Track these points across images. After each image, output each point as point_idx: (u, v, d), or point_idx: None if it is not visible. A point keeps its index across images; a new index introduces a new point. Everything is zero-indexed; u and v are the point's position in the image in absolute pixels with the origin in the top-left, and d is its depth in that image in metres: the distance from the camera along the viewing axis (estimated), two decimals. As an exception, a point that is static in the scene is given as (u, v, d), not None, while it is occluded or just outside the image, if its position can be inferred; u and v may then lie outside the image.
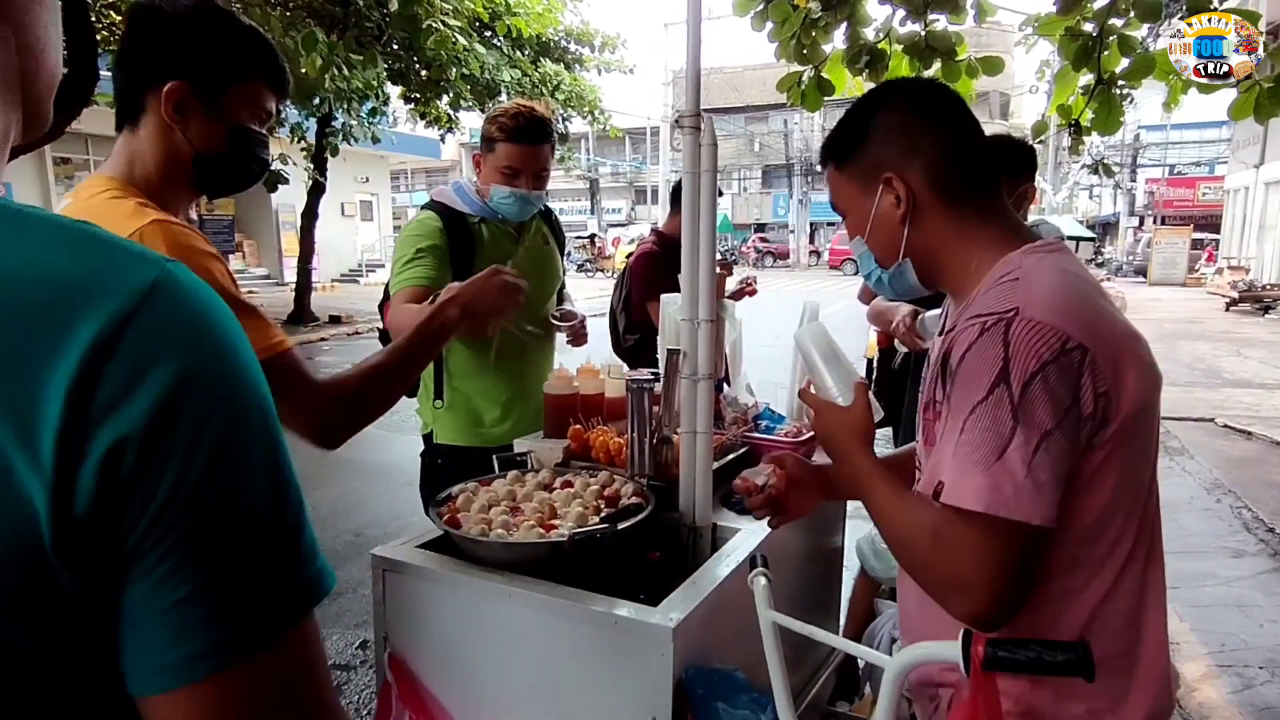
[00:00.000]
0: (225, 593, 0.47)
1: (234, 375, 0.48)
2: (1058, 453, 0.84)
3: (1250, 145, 18.75)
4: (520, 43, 11.11)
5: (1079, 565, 0.93)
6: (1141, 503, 0.96)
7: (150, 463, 0.43)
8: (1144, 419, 0.92)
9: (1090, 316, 0.89)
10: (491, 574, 1.34)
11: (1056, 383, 0.84)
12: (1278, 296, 14.76)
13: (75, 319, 0.42)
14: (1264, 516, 4.13)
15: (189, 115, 1.13)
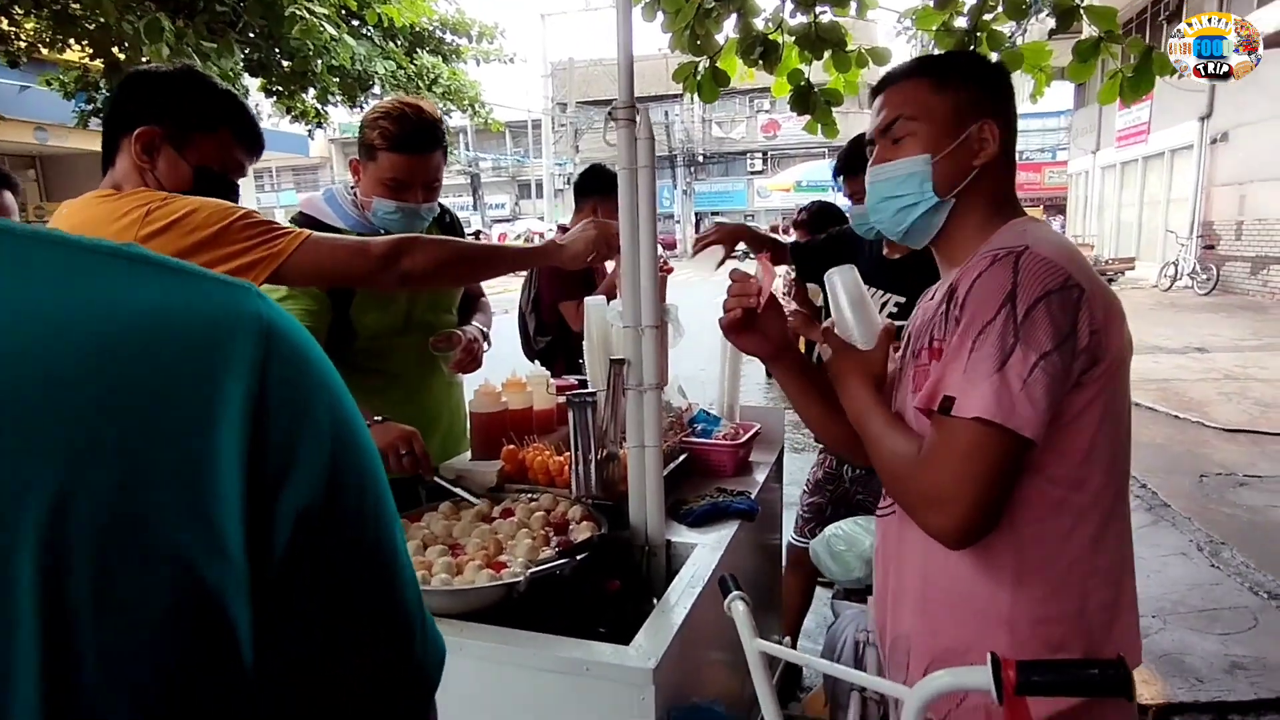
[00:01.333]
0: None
1: (354, 410, 0.45)
2: (1053, 374, 0.89)
3: (1088, 133, 20.55)
4: (393, 33, 10.58)
5: (1065, 509, 0.98)
6: (1120, 461, 1.02)
7: (328, 534, 0.40)
8: (1123, 372, 0.99)
9: (1086, 269, 0.97)
10: (438, 625, 1.19)
11: (1058, 310, 0.90)
12: (1118, 269, 16.28)
13: (219, 372, 0.37)
14: (1137, 474, 4.48)
15: (157, 157, 1.29)
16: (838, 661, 1.60)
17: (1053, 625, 1.00)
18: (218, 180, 1.35)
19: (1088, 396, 0.94)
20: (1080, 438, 0.96)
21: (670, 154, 33.81)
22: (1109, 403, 0.96)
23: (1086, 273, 0.96)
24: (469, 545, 1.34)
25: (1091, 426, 0.95)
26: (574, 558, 1.23)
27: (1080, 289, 0.92)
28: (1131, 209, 18.44)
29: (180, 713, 0.36)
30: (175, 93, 1.32)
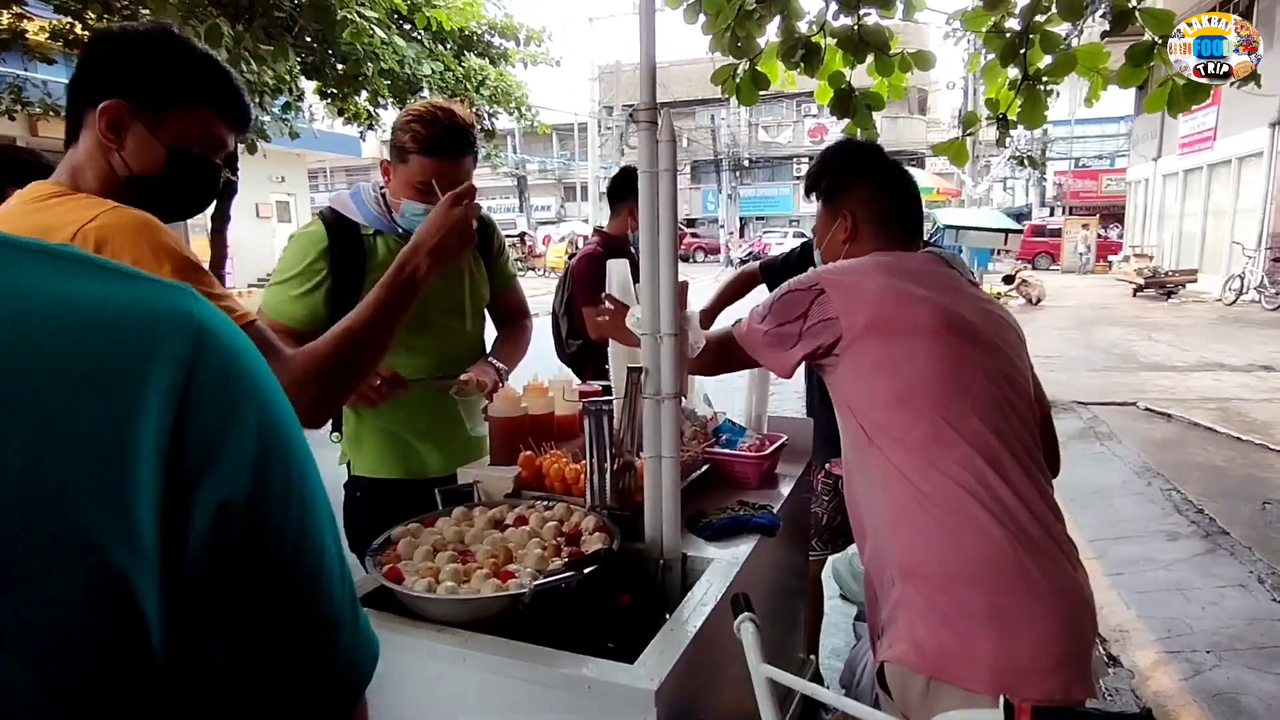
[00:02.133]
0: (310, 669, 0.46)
1: (289, 414, 0.46)
2: (780, 334, 1.39)
3: (1149, 140, 19.84)
4: (442, 36, 10.74)
5: (887, 459, 1.26)
6: (932, 408, 1.24)
7: (254, 528, 0.41)
8: (885, 339, 1.29)
9: (846, 274, 1.38)
10: (442, 634, 1.18)
11: (793, 301, 1.39)
12: (1179, 282, 15.66)
13: (143, 364, 0.39)
14: (1192, 498, 4.28)
15: (126, 135, 1.09)
16: (858, 687, 1.54)
17: (918, 580, 1.19)
18: (196, 162, 1.16)
19: (853, 360, 1.31)
20: (877, 387, 1.28)
21: (715, 158, 33.70)
22: (883, 362, 1.28)
23: (840, 279, 1.36)
24: (479, 553, 1.32)
25: (878, 381, 1.28)
26: (581, 570, 1.20)
27: (819, 290, 1.35)
28: (1195, 219, 17.72)
29: (86, 697, 0.37)
30: (149, 60, 1.10)
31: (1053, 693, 1.08)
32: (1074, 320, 12.28)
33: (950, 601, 1.13)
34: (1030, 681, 1.08)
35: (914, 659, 1.15)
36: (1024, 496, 1.22)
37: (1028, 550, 1.17)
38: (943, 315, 1.31)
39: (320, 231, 1.74)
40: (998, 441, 1.24)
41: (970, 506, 1.18)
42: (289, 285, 1.70)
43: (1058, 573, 1.18)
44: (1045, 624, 1.12)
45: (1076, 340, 10.18)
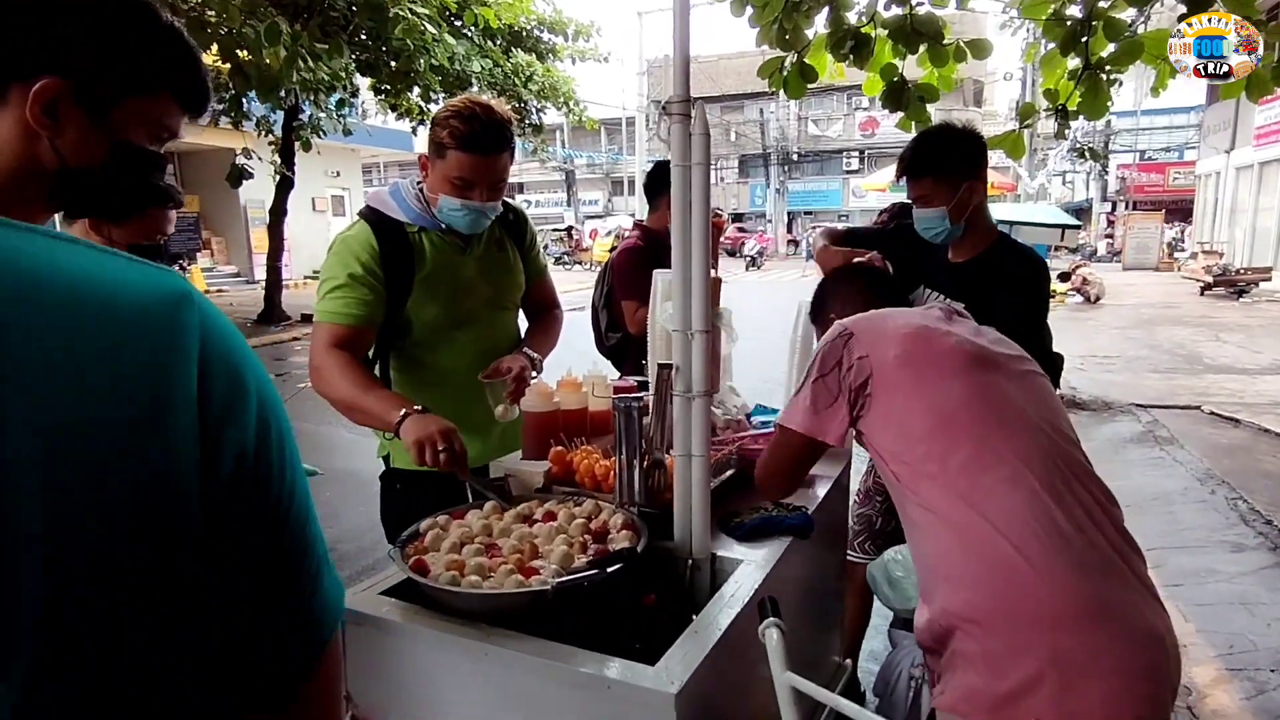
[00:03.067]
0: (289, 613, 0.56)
1: (271, 383, 0.55)
2: (819, 388, 1.37)
3: (1221, 131, 18.93)
4: (491, 32, 10.83)
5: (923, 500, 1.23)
6: (956, 448, 1.21)
7: (260, 473, 0.52)
8: (910, 376, 1.30)
9: (869, 318, 1.43)
10: (465, 627, 1.18)
11: (829, 351, 1.38)
12: (1252, 280, 14.91)
13: (174, 333, 0.49)
14: (1260, 508, 4.06)
15: (64, 121, 0.85)
16: (891, 696, 1.50)
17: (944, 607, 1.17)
18: (141, 159, 0.94)
19: (882, 403, 1.30)
20: (906, 432, 1.26)
21: (764, 152, 33.35)
22: (916, 394, 1.28)
23: (864, 322, 1.41)
24: (505, 547, 1.32)
25: (913, 414, 1.27)
26: (604, 569, 1.19)
27: (850, 334, 1.37)
28: (1270, 214, 16.85)
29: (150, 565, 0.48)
30: (104, 34, 0.87)
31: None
32: (1135, 319, 11.81)
33: (1001, 646, 1.06)
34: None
35: (966, 708, 1.09)
36: (1085, 520, 1.13)
37: (1091, 582, 1.07)
38: (969, 346, 1.34)
39: (367, 233, 1.73)
40: (1043, 463, 1.17)
41: (1023, 540, 1.09)
42: (347, 290, 1.67)
43: (1127, 607, 1.07)
44: (1114, 668, 1.02)
45: (1137, 340, 9.78)
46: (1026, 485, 1.15)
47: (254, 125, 9.79)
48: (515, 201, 2.04)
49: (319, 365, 1.67)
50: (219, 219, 17.71)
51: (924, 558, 1.24)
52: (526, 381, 1.78)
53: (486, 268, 1.86)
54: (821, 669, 2.03)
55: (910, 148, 2.07)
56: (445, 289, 1.78)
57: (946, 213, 1.97)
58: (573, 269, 24.98)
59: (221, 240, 18.25)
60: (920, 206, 2.02)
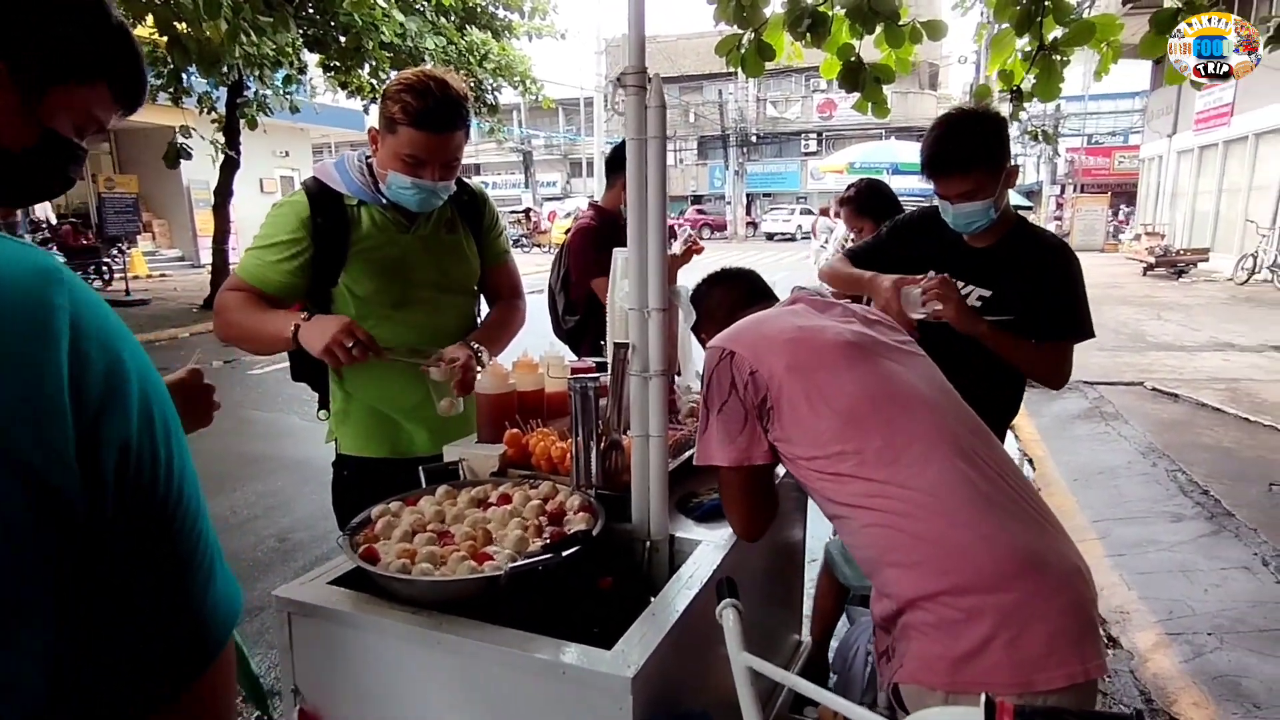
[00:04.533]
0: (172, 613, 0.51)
1: (151, 364, 0.51)
2: (725, 417, 1.31)
3: (1164, 115, 19.47)
4: (444, 8, 10.57)
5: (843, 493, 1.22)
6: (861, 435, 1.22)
7: (145, 465, 0.48)
8: (798, 379, 1.26)
9: (743, 332, 1.36)
10: (417, 615, 1.15)
11: (719, 377, 1.33)
12: (1191, 261, 15.45)
13: (45, 311, 0.44)
14: (1198, 479, 4.22)
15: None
16: (848, 673, 1.51)
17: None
18: (66, 151, 0.91)
19: (785, 413, 1.26)
20: (815, 437, 1.24)
21: (723, 133, 33.33)
22: (814, 396, 1.25)
23: (741, 338, 1.34)
24: (458, 533, 1.29)
25: (819, 417, 1.23)
26: (559, 553, 1.16)
27: (730, 353, 1.32)
28: (1208, 197, 17.44)
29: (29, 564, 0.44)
30: (45, 17, 0.84)
31: (1074, 676, 1.06)
32: (1083, 299, 12.15)
33: (956, 613, 1.09)
34: (1048, 670, 1.06)
35: (928, 676, 1.11)
36: (997, 479, 1.19)
37: (1019, 534, 1.14)
38: (849, 335, 1.34)
39: (303, 201, 1.69)
40: (948, 434, 1.22)
41: (952, 510, 1.14)
42: (268, 251, 1.68)
43: (1052, 552, 1.15)
44: (1054, 611, 1.09)
45: (1085, 319, 10.07)
46: (940, 458, 1.18)
47: (195, 102, 9.42)
48: (477, 184, 1.97)
49: (219, 308, 1.68)
50: (160, 200, 17.07)
51: (863, 549, 1.23)
52: (471, 375, 1.71)
53: (431, 248, 1.80)
54: (781, 648, 2.05)
55: (939, 144, 1.85)
56: (382, 265, 1.72)
57: (992, 203, 1.83)
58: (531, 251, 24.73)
59: (164, 223, 17.60)
60: (961, 201, 1.83)
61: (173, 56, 7.47)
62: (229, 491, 4.38)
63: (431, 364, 1.66)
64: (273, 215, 1.72)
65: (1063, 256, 1.97)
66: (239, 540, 3.73)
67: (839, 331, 1.34)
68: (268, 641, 2.78)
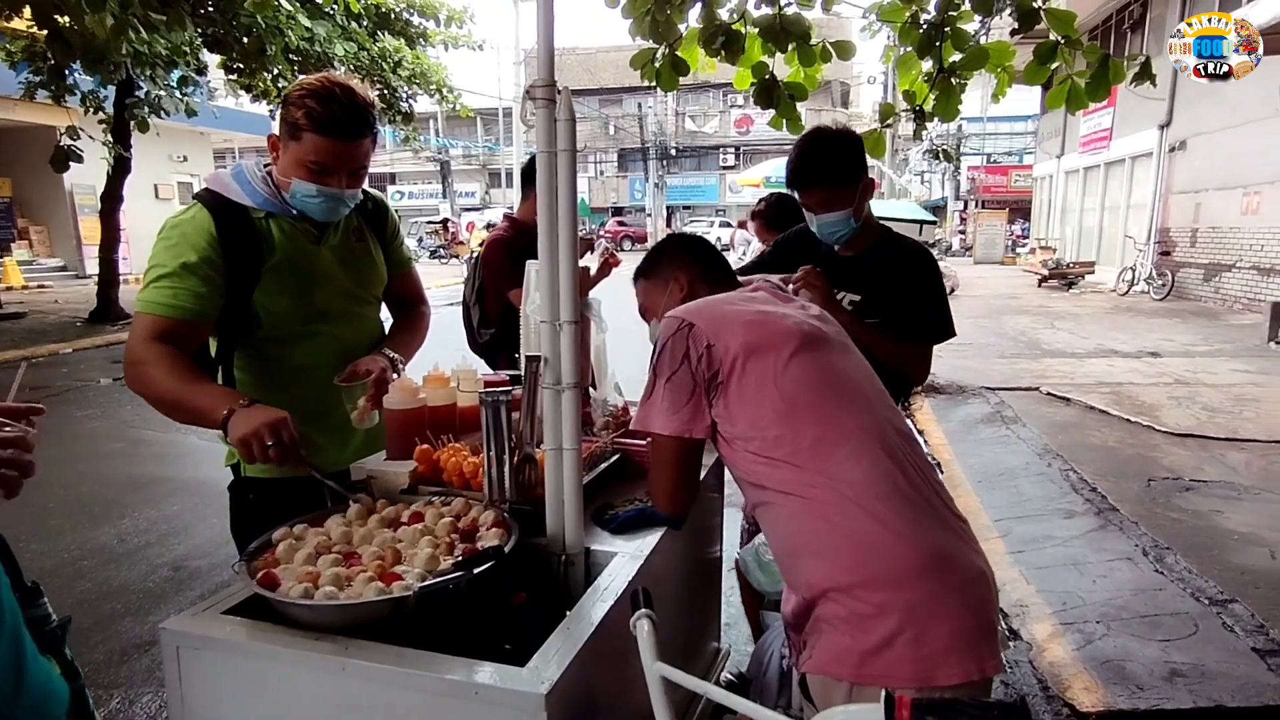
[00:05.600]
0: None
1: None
2: (673, 386, 1.33)
3: (1053, 138, 20.86)
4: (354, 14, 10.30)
5: (775, 477, 1.25)
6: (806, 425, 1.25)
7: None
8: (761, 360, 1.29)
9: (706, 307, 1.39)
10: (321, 643, 1.09)
11: (672, 346, 1.34)
12: (1079, 273, 16.55)
13: None
14: (1087, 478, 4.50)
15: None
16: (764, 678, 1.54)
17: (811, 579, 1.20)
18: None
19: (733, 391, 1.28)
20: (757, 419, 1.26)
21: (643, 146, 33.67)
22: (764, 381, 1.27)
23: (702, 312, 1.37)
24: (365, 554, 1.24)
25: (763, 402, 1.26)
26: (470, 570, 1.14)
27: (690, 325, 1.33)
28: (1093, 214, 18.78)
29: None
30: None
31: (970, 674, 1.10)
32: (984, 309, 12.82)
33: (867, 608, 1.13)
34: (948, 666, 1.10)
35: (835, 668, 1.14)
36: (918, 480, 1.24)
37: (933, 534, 1.18)
38: (806, 326, 1.37)
39: (205, 217, 1.57)
40: (878, 432, 1.26)
41: (874, 505, 1.17)
42: (178, 279, 1.52)
43: (961, 555, 1.20)
44: (956, 610, 1.14)
45: (987, 328, 10.62)
46: (870, 454, 1.22)
47: (79, 101, 8.82)
48: (376, 191, 1.91)
49: (137, 360, 1.50)
50: (38, 205, 15.91)
51: (784, 539, 1.26)
52: (386, 385, 1.67)
53: (344, 258, 1.74)
54: (700, 656, 2.06)
55: (800, 158, 2.03)
56: (298, 279, 1.64)
57: (850, 214, 2.02)
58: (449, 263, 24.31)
59: (42, 229, 16.41)
60: (821, 212, 2.03)
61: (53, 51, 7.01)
62: (116, 519, 4.10)
63: (345, 375, 1.61)
64: (172, 237, 1.56)
65: (923, 264, 2.13)
66: (128, 571, 3.49)
67: (798, 321, 1.38)
68: (158, 679, 2.61)
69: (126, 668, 2.73)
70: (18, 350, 8.87)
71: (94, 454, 5.35)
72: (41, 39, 6.75)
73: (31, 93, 8.57)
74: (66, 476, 4.75)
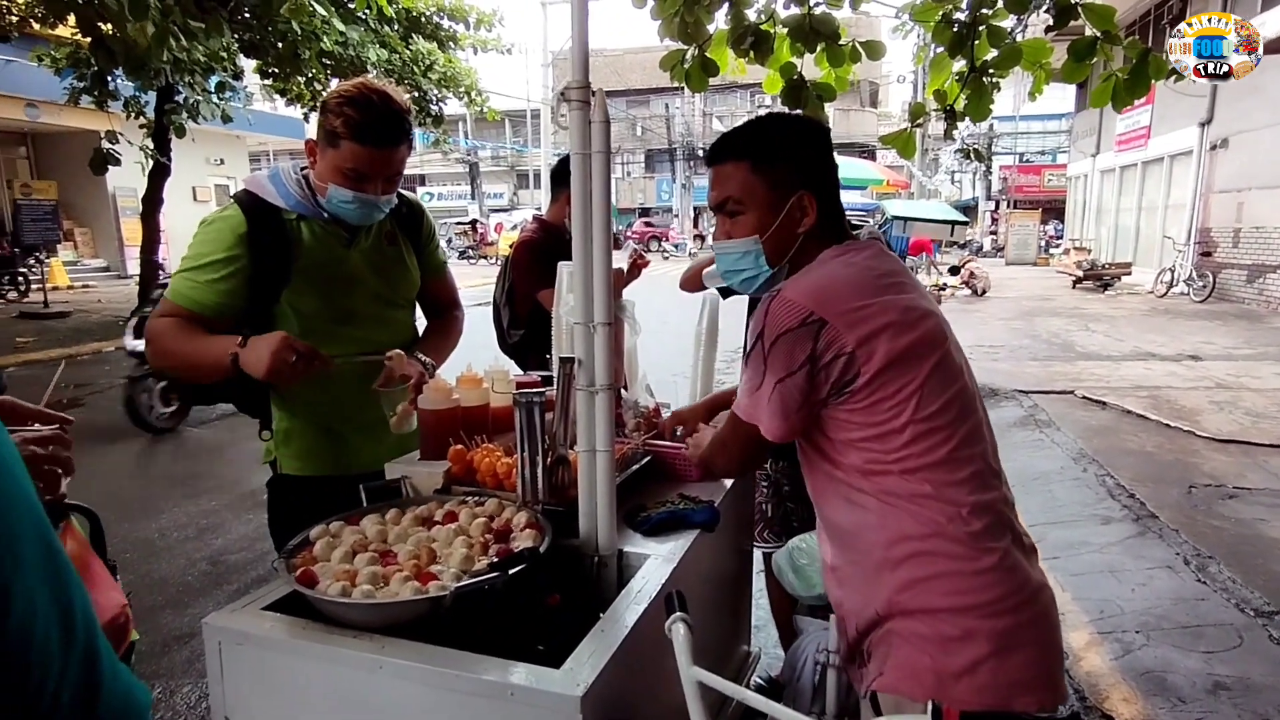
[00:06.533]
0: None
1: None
2: (787, 392, 1.18)
3: (1088, 136, 20.44)
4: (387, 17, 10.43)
5: (894, 492, 1.16)
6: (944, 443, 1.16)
7: None
8: (911, 366, 1.16)
9: (836, 300, 1.16)
10: (358, 641, 1.11)
11: (793, 344, 1.16)
12: (1115, 275, 16.20)
13: None
14: (1124, 483, 4.41)
15: None
16: (797, 683, 1.52)
17: (914, 590, 1.14)
18: None
19: (864, 399, 1.15)
20: (886, 425, 1.15)
21: (670, 147, 33.66)
22: (909, 387, 1.14)
23: (833, 304, 1.16)
24: (401, 553, 1.26)
25: (903, 410, 1.14)
26: (506, 570, 1.14)
27: (821, 321, 1.14)
28: (1130, 214, 18.37)
29: None
30: None
31: (1045, 703, 1.10)
32: (1017, 311, 12.62)
33: (954, 630, 1.11)
34: (1027, 695, 1.10)
35: (913, 688, 1.12)
36: (1010, 506, 1.21)
37: (1024, 563, 1.17)
38: (940, 325, 1.23)
39: (239, 217, 1.62)
40: (991, 457, 1.22)
41: (985, 533, 1.14)
42: (201, 271, 1.59)
43: (1041, 583, 1.19)
44: (1037, 639, 1.13)
45: (1019, 330, 10.45)
46: (986, 482, 1.17)
47: (122, 106, 9.05)
48: (413, 195, 1.94)
49: (152, 336, 1.60)
50: (82, 207, 16.35)
51: (873, 547, 1.17)
52: (421, 389, 1.70)
53: (374, 262, 1.76)
54: (731, 660, 2.05)
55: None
56: (326, 281, 1.67)
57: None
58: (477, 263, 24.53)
59: (86, 231, 16.86)
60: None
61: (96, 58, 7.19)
62: (156, 514, 4.19)
63: (381, 380, 1.64)
64: (204, 232, 1.63)
65: None
66: (168, 565, 3.57)
67: (938, 318, 1.24)
68: (198, 670, 2.66)
69: (167, 659, 2.79)
70: (63, 348, 9.12)
71: (134, 450, 5.48)
72: (85, 46, 6.94)
73: (76, 98, 8.83)
74: (107, 471, 4.88)
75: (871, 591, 1.18)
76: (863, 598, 1.20)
